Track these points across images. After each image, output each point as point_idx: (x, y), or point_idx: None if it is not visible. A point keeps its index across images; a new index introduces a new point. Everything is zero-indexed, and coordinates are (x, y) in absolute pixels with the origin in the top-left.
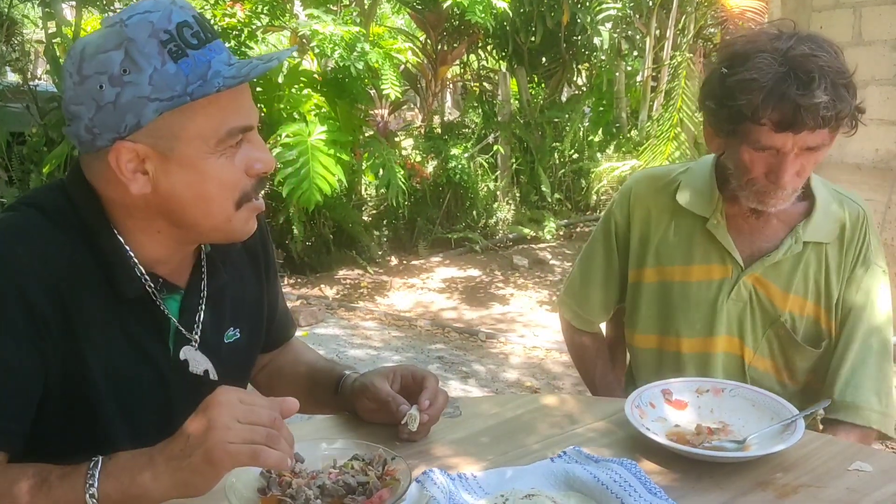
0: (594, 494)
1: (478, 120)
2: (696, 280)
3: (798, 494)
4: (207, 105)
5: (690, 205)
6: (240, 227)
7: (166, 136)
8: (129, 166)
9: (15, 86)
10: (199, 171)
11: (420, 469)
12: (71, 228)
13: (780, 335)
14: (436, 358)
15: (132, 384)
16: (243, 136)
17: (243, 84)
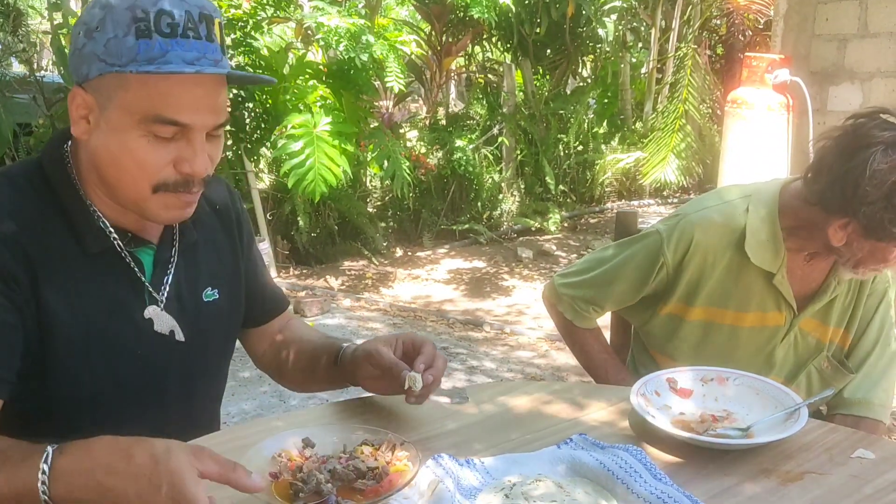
0: (600, 480)
1: (482, 111)
2: (748, 325)
3: (802, 481)
4: (144, 84)
5: (759, 260)
6: (155, 210)
7: (104, 95)
8: (78, 111)
9: (21, 77)
10: (119, 139)
11: (429, 454)
12: (37, 190)
13: (821, 368)
14: (440, 348)
15: (104, 335)
16: (181, 131)
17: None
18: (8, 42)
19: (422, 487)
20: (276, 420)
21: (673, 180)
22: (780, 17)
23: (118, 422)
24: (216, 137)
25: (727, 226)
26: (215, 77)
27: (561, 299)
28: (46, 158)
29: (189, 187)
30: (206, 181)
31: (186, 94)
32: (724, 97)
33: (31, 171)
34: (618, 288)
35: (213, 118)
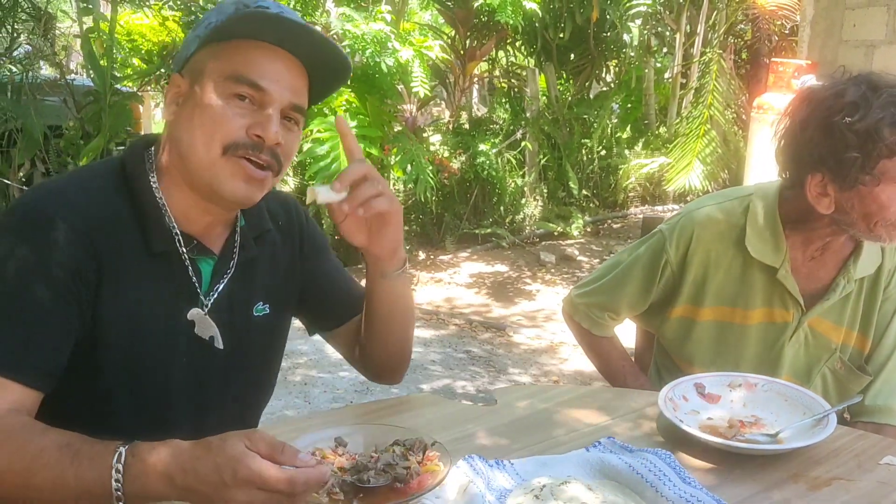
0: (629, 483)
1: (506, 116)
2: (755, 323)
3: (830, 487)
4: (233, 50)
5: (761, 255)
6: (222, 177)
7: (197, 70)
8: (171, 95)
9: (52, 79)
10: (202, 104)
11: (458, 456)
12: (115, 188)
13: (835, 369)
14: (463, 352)
15: (152, 335)
16: (259, 99)
17: (283, 57)
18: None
19: (453, 487)
20: (308, 419)
21: (698, 185)
22: (806, 23)
23: (158, 422)
24: (291, 127)
25: (727, 222)
26: (297, 63)
27: (577, 309)
28: (128, 157)
29: (257, 151)
30: (276, 157)
31: (269, 64)
32: (749, 102)
33: (111, 169)
34: (628, 290)
35: (290, 94)
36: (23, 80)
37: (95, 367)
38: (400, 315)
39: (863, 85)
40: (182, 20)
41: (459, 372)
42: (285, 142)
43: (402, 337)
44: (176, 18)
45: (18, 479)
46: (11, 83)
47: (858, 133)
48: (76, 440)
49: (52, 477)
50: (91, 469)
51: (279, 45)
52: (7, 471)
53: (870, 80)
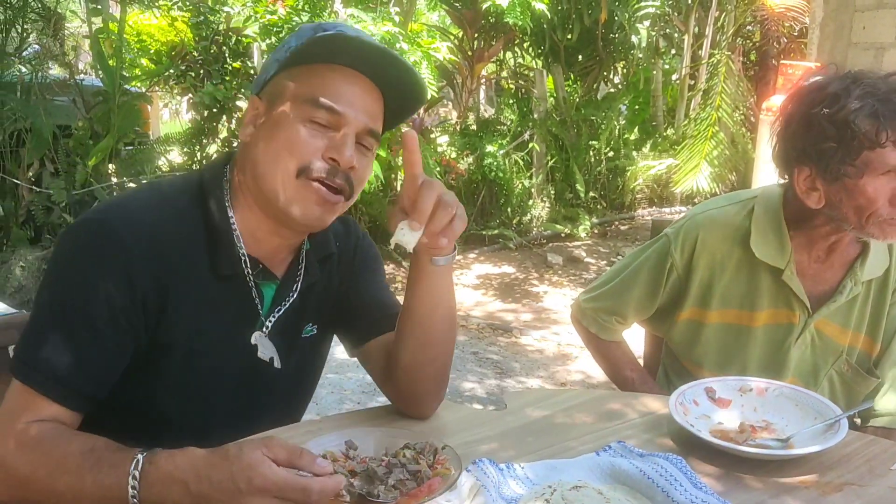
0: (640, 487)
1: (513, 117)
2: (761, 325)
3: (841, 492)
4: (310, 74)
5: (765, 256)
6: (294, 200)
7: (275, 93)
8: (249, 117)
9: (61, 80)
10: (279, 126)
11: (468, 459)
12: (190, 206)
13: (842, 371)
14: (470, 353)
15: (212, 356)
16: (335, 123)
17: (359, 82)
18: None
19: (464, 491)
20: (318, 423)
21: (705, 188)
22: (815, 25)
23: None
24: (364, 152)
25: (731, 224)
26: (374, 87)
27: (585, 314)
28: (207, 176)
29: (332, 176)
30: (349, 181)
31: (346, 87)
32: (757, 104)
33: (189, 188)
34: (634, 294)
35: (366, 119)
36: (32, 79)
37: (148, 384)
38: (440, 320)
39: (848, 79)
40: (191, 20)
41: (467, 373)
42: (359, 166)
43: (440, 351)
44: (185, 19)
45: (42, 485)
46: (21, 83)
47: (836, 124)
48: (100, 446)
49: (72, 482)
50: (109, 475)
51: (357, 68)
52: (32, 477)
53: (857, 75)
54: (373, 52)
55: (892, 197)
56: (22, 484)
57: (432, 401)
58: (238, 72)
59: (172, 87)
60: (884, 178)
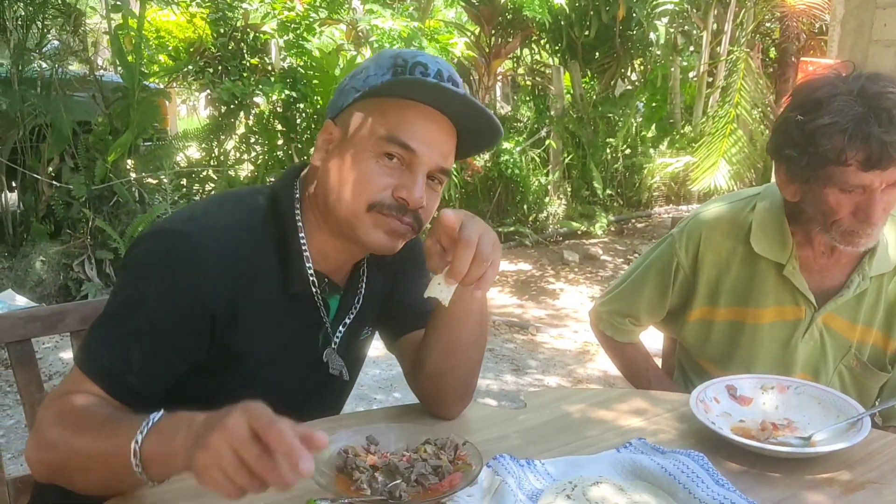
0: (661, 484)
1: (530, 114)
2: (768, 322)
3: (863, 490)
4: (387, 108)
5: (766, 252)
6: (364, 230)
7: (351, 123)
8: (324, 141)
9: (81, 75)
10: (353, 160)
11: (489, 456)
12: (262, 224)
13: (851, 366)
14: (487, 350)
15: (279, 370)
16: (407, 161)
17: (436, 120)
18: (67, 41)
19: (485, 486)
20: (339, 419)
21: (723, 185)
22: (836, 22)
23: None
24: (434, 187)
25: (734, 222)
26: (450, 125)
27: (600, 318)
28: (280, 195)
29: (401, 214)
30: (417, 219)
31: (421, 125)
32: (776, 102)
33: (263, 203)
34: (645, 294)
35: (438, 158)
36: (52, 75)
37: (212, 389)
38: (468, 330)
39: (840, 86)
40: (209, 17)
41: (483, 371)
42: (428, 204)
43: (467, 358)
44: (203, 15)
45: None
46: (41, 79)
47: (804, 133)
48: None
49: (89, 440)
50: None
51: (433, 105)
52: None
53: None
54: (450, 95)
55: (855, 211)
56: (51, 446)
57: (457, 404)
58: (256, 68)
59: (191, 83)
60: (846, 195)
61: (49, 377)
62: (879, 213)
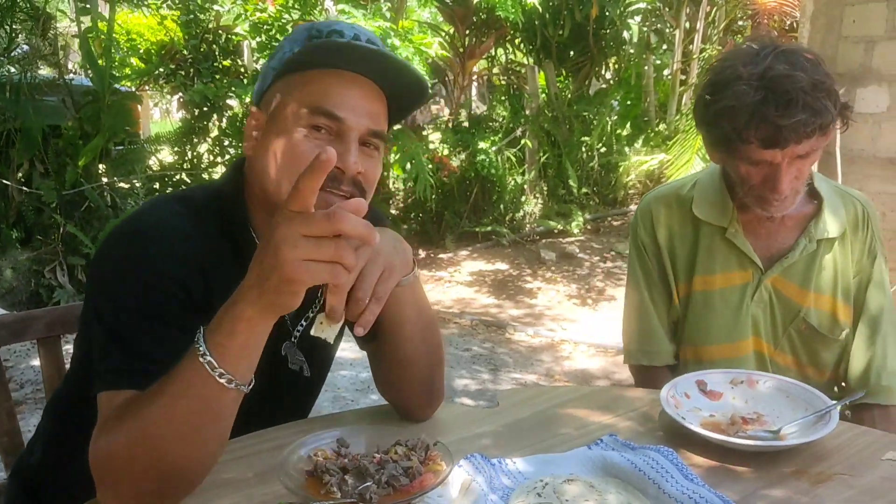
0: (631, 480)
1: (505, 113)
2: (718, 288)
3: (832, 482)
4: (307, 81)
5: (707, 216)
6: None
7: (273, 104)
8: (250, 129)
9: (50, 79)
10: (279, 138)
11: (461, 456)
12: (212, 222)
13: (800, 330)
14: (464, 350)
15: None
16: (337, 130)
17: (358, 84)
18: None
19: (455, 486)
20: (310, 422)
21: None
22: (806, 19)
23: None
24: (371, 153)
25: (678, 195)
26: (374, 87)
27: (630, 353)
28: (225, 188)
29: (337, 184)
30: (358, 187)
31: (344, 91)
32: None
33: (209, 200)
34: (643, 292)
35: (368, 121)
36: (21, 80)
37: None
38: (409, 339)
39: (746, 68)
40: (180, 19)
41: (461, 370)
42: (366, 169)
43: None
44: (174, 17)
45: (138, 433)
46: (10, 83)
47: (710, 113)
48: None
49: (158, 403)
50: (181, 365)
51: (355, 70)
52: (129, 436)
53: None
54: (368, 54)
55: (764, 181)
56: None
57: (426, 408)
58: (228, 70)
59: (162, 86)
60: (755, 167)
61: (21, 385)
62: (786, 184)
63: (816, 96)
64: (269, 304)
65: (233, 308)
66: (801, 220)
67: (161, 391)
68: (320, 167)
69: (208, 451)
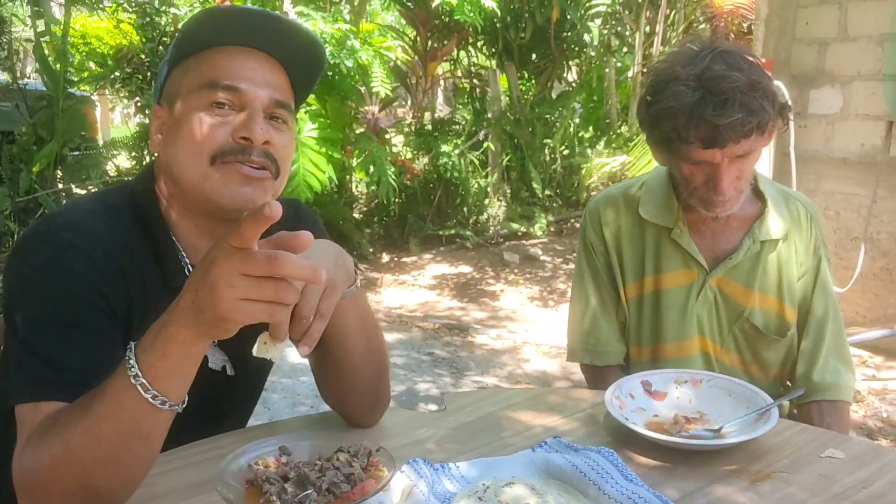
0: (572, 482)
1: (468, 116)
2: (666, 287)
3: (771, 480)
4: (202, 61)
5: (653, 217)
6: (217, 188)
7: (172, 93)
8: (155, 127)
9: (4, 84)
10: (185, 122)
11: (404, 461)
12: (128, 222)
13: (744, 330)
14: (426, 354)
15: None
16: (239, 102)
17: (253, 56)
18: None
19: (397, 492)
20: (253, 430)
21: None
22: (760, 21)
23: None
24: (279, 126)
25: (625, 195)
26: (270, 59)
27: (574, 351)
28: (138, 189)
29: (247, 155)
30: (269, 156)
31: (239, 63)
32: None
33: (124, 200)
34: (590, 292)
35: (269, 91)
36: None
37: None
38: (351, 351)
39: (684, 69)
40: (136, 22)
41: (422, 374)
42: (276, 141)
43: (363, 377)
44: (131, 21)
45: (66, 456)
46: None
47: (650, 114)
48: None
49: (84, 425)
50: (109, 381)
51: (246, 43)
52: (53, 455)
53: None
54: (255, 19)
55: (706, 181)
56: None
57: (371, 415)
58: None
59: (119, 89)
60: (696, 167)
61: None
62: (727, 183)
63: (753, 96)
64: (203, 332)
65: (166, 329)
66: (745, 220)
67: (88, 410)
68: (263, 219)
69: (138, 471)
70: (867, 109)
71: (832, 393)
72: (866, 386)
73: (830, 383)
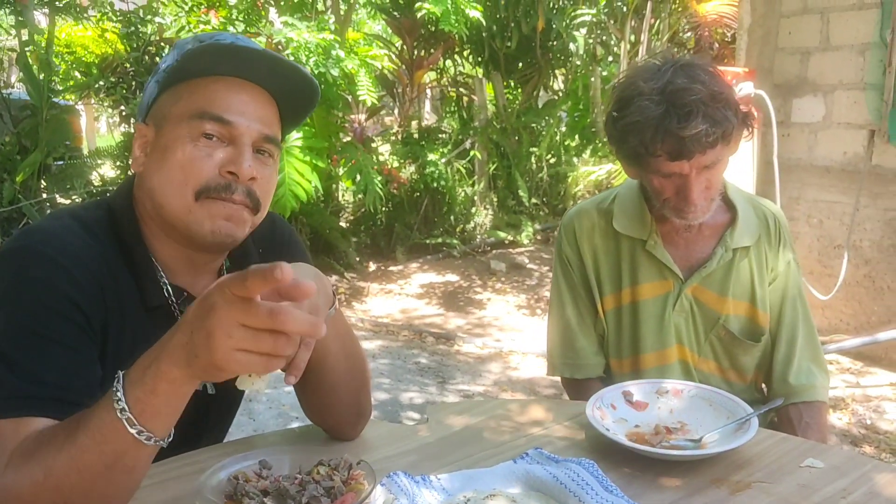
0: (553, 493)
1: (455, 125)
2: (643, 299)
3: (751, 490)
4: (194, 89)
5: (627, 229)
6: (200, 221)
7: (160, 116)
8: (138, 145)
9: None
10: (169, 149)
11: (385, 473)
12: (106, 238)
13: (721, 337)
14: (413, 363)
15: None
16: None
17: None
18: None
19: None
20: (233, 444)
21: None
22: (743, 31)
23: None
24: (265, 161)
25: (598, 208)
26: (262, 92)
27: (554, 365)
28: (117, 204)
29: (231, 191)
30: (250, 194)
31: (232, 95)
32: None
33: (101, 216)
34: (567, 306)
35: (259, 125)
36: None
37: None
38: (331, 369)
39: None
40: (121, 31)
41: (408, 384)
42: (260, 176)
43: (343, 394)
44: (115, 30)
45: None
46: None
47: (617, 130)
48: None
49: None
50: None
51: (240, 75)
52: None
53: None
54: (252, 56)
55: (677, 192)
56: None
57: (352, 429)
58: None
59: (102, 99)
60: (666, 179)
61: None
62: (697, 193)
63: (715, 107)
64: (194, 374)
65: (157, 365)
66: (717, 229)
67: (71, 439)
68: (272, 280)
69: (118, 501)
70: (849, 118)
71: (809, 394)
72: (850, 393)
73: (806, 385)
